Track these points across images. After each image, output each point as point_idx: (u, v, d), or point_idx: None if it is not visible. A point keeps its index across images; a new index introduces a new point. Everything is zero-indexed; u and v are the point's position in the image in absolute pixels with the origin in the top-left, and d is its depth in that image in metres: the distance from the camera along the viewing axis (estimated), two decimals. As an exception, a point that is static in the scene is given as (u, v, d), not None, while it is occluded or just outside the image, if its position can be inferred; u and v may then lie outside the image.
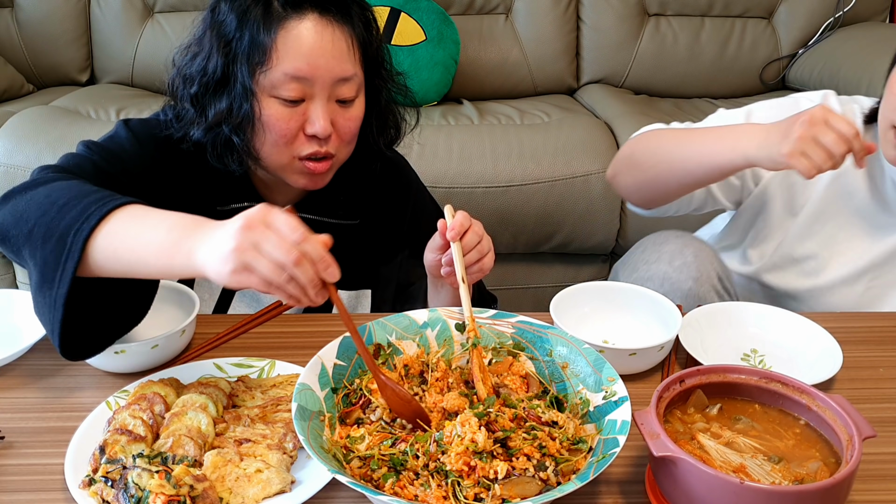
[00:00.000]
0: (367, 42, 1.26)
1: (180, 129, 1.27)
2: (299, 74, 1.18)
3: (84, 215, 0.99)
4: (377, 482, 0.87)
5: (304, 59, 1.18)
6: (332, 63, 1.20)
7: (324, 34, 1.19)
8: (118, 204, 1.00)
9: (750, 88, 2.97)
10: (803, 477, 0.85)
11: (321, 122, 1.21)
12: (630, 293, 1.28)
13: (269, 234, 0.89)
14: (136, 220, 1.00)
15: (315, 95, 1.21)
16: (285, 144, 1.22)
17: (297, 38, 1.18)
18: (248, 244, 0.88)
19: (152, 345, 1.13)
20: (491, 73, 2.93)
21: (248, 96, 1.20)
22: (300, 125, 1.22)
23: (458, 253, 1.12)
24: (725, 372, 0.96)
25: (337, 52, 1.20)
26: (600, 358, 1.00)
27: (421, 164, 2.36)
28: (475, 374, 1.01)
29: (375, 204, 1.46)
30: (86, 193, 1.03)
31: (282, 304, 1.33)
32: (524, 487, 0.84)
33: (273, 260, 0.88)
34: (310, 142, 1.23)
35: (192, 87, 1.24)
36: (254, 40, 1.18)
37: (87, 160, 1.19)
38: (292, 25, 1.18)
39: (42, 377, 1.16)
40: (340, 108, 1.24)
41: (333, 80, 1.21)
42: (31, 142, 2.29)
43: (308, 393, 0.94)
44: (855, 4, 2.90)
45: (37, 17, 2.88)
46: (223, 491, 0.91)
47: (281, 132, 1.21)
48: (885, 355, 1.21)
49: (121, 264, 0.99)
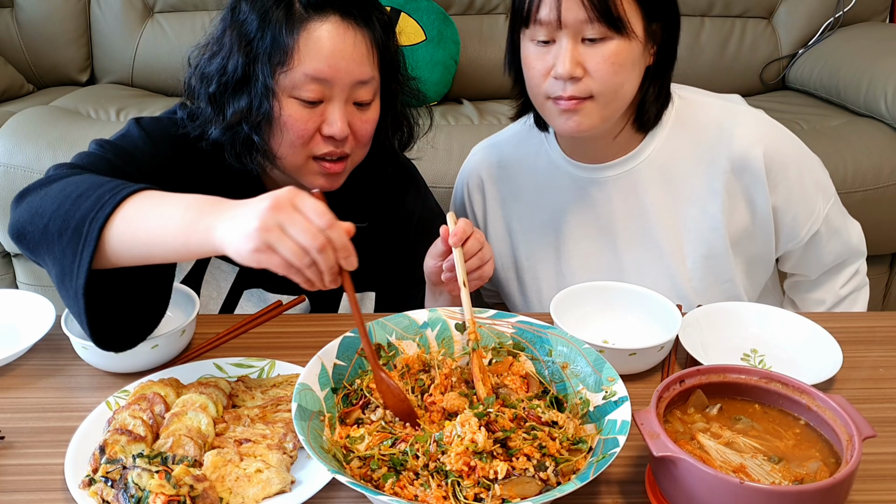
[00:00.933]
0: (386, 46, 1.26)
1: (197, 128, 1.27)
2: (320, 76, 1.19)
3: (99, 204, 0.99)
4: (377, 482, 0.87)
5: (325, 61, 1.18)
6: (352, 66, 1.20)
7: (345, 37, 1.20)
8: (133, 190, 1.01)
9: (750, 88, 2.97)
10: (803, 477, 0.85)
11: (339, 124, 1.21)
12: (630, 293, 1.28)
13: (297, 217, 0.89)
14: (153, 203, 1.00)
15: (334, 97, 1.21)
16: (302, 145, 1.23)
17: (318, 40, 1.18)
18: (273, 224, 0.88)
19: (152, 345, 1.13)
20: (491, 73, 2.93)
21: (268, 95, 1.20)
22: (317, 126, 1.22)
23: (459, 257, 1.13)
24: (725, 372, 0.96)
25: (357, 55, 1.21)
26: (600, 358, 1.00)
27: (421, 164, 2.35)
28: (475, 376, 1.01)
29: (384, 207, 1.46)
30: (100, 184, 1.03)
31: (282, 304, 1.33)
32: (524, 487, 0.84)
33: (298, 243, 0.88)
34: (326, 142, 1.24)
35: (211, 87, 1.24)
36: (276, 40, 1.19)
37: (101, 158, 1.19)
38: (314, 27, 1.19)
39: (42, 377, 1.16)
40: (357, 110, 1.25)
41: (352, 83, 1.21)
42: (31, 142, 2.29)
43: (308, 393, 0.94)
44: (855, 4, 2.90)
45: (37, 17, 2.88)
46: (223, 491, 0.91)
47: (299, 132, 1.21)
48: (885, 355, 1.21)
49: (138, 248, 0.99)
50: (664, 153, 1.40)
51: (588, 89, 1.25)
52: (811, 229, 1.42)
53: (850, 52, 2.71)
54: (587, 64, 1.24)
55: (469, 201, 1.60)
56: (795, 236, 1.43)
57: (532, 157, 1.51)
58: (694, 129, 1.39)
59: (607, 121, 1.31)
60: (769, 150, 1.35)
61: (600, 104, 1.27)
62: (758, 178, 1.36)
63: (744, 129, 1.36)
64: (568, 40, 1.23)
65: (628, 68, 1.26)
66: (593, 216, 1.46)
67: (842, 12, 2.90)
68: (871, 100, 2.50)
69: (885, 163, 2.34)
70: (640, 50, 1.27)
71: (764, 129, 1.38)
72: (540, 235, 1.51)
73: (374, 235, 1.44)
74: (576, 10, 1.21)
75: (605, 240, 1.46)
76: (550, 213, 1.49)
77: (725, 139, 1.36)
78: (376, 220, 1.45)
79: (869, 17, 2.99)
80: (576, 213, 1.47)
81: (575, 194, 1.46)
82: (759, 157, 1.34)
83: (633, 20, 1.23)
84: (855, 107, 2.59)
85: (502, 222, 1.56)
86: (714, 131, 1.38)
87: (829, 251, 1.47)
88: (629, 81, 1.28)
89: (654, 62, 1.33)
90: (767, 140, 1.36)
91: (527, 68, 1.30)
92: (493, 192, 1.55)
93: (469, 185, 1.59)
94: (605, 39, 1.23)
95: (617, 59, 1.24)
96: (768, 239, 1.43)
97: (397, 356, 1.07)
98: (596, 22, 1.21)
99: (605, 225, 1.45)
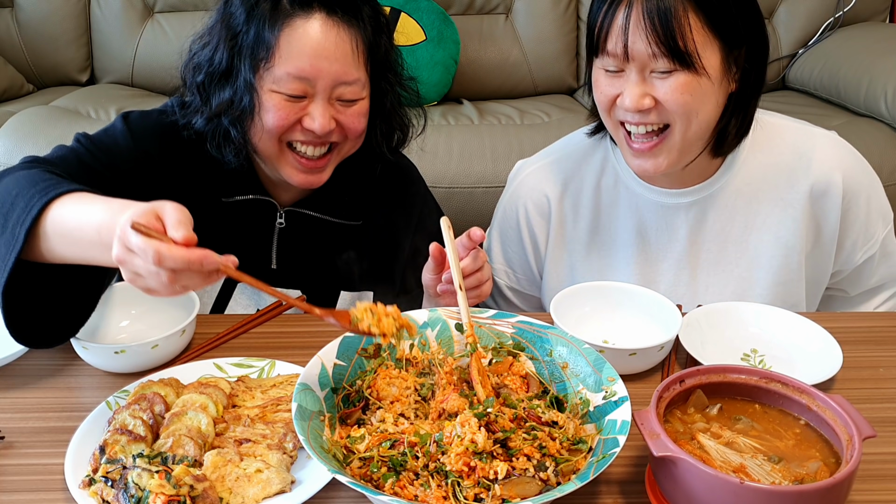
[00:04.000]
0: (376, 45, 1.25)
1: (185, 117, 1.28)
2: (301, 74, 1.19)
3: (29, 206, 1.02)
4: (377, 482, 0.87)
5: (307, 60, 1.18)
6: (334, 66, 1.20)
7: (329, 35, 1.19)
8: (62, 192, 1.02)
9: (750, 88, 2.97)
10: (803, 477, 0.85)
11: (320, 121, 1.21)
12: (630, 293, 1.28)
13: (134, 258, 0.89)
14: (80, 204, 1.02)
15: (316, 94, 1.21)
16: (279, 133, 1.23)
17: (301, 38, 1.18)
18: (122, 254, 0.90)
19: (152, 345, 1.13)
20: (491, 73, 2.94)
21: (249, 90, 1.21)
22: (298, 118, 1.22)
23: (455, 261, 1.12)
24: (725, 372, 0.96)
25: (340, 54, 1.20)
26: (600, 358, 1.00)
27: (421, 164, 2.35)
28: (474, 378, 1.01)
29: (379, 207, 1.46)
30: (35, 182, 1.05)
31: (282, 304, 1.33)
32: (524, 487, 0.84)
33: (149, 274, 0.89)
34: (304, 132, 1.23)
35: (199, 76, 1.25)
36: (259, 36, 1.19)
37: (73, 153, 1.22)
38: (298, 24, 1.18)
39: (42, 377, 1.16)
40: (343, 106, 1.24)
41: (335, 82, 1.21)
42: (31, 142, 2.29)
43: (308, 393, 0.94)
44: (855, 4, 2.90)
45: (37, 17, 2.89)
46: (223, 491, 0.91)
47: (278, 122, 1.21)
48: (885, 355, 1.21)
49: (63, 247, 1.01)
50: (739, 179, 1.36)
51: (661, 119, 1.23)
52: (866, 254, 1.41)
53: (850, 52, 2.71)
54: (657, 94, 1.21)
55: (527, 225, 1.49)
56: (850, 260, 1.41)
57: (595, 175, 1.44)
58: (770, 153, 1.36)
59: (686, 154, 1.28)
60: (847, 177, 1.33)
61: (678, 134, 1.24)
62: (834, 203, 1.34)
63: (822, 154, 1.33)
64: (636, 73, 1.21)
65: (700, 98, 1.21)
66: (665, 240, 1.42)
67: (842, 12, 2.91)
68: (871, 100, 2.50)
69: (885, 163, 2.34)
70: (716, 80, 1.21)
71: (842, 154, 1.36)
72: (601, 256, 1.46)
73: (369, 235, 1.44)
74: (642, 43, 1.18)
75: (676, 264, 1.42)
76: (613, 233, 1.44)
77: (804, 165, 1.34)
78: (371, 220, 1.44)
79: (869, 17, 3.00)
80: (644, 235, 1.42)
81: (646, 217, 1.41)
82: (838, 184, 1.33)
83: (706, 52, 1.19)
84: (855, 107, 2.59)
85: (565, 243, 1.48)
86: (791, 156, 1.35)
87: (877, 274, 1.46)
88: (704, 111, 1.23)
89: (737, 88, 1.27)
90: (846, 166, 1.34)
91: (596, 93, 1.29)
92: (559, 212, 1.46)
93: (528, 208, 1.48)
94: (673, 72, 1.19)
95: (687, 89, 1.20)
96: (827, 262, 1.41)
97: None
98: (662, 57, 1.18)
99: (678, 250, 1.41)
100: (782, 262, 1.38)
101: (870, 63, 2.57)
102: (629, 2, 1.19)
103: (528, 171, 1.50)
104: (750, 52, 1.25)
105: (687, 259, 1.42)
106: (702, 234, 1.40)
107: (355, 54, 1.22)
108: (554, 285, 1.50)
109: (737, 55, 1.23)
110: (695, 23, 1.17)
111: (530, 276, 1.55)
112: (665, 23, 1.16)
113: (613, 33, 1.20)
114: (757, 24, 1.25)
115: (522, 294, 1.56)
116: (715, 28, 1.19)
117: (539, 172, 1.48)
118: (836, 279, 1.48)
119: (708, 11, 1.18)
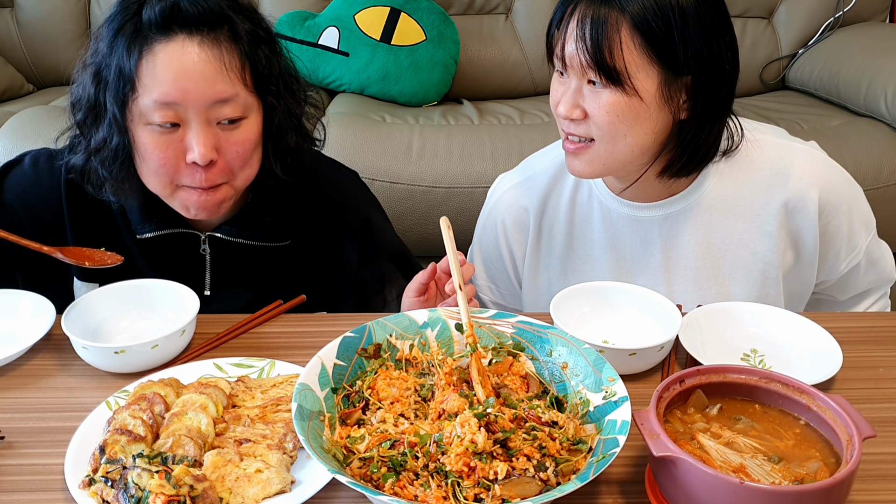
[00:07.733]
0: (254, 58, 1.19)
1: (68, 157, 1.23)
2: (166, 99, 1.12)
3: None
4: (377, 482, 0.87)
5: (171, 84, 1.12)
6: (201, 85, 1.13)
7: (190, 55, 1.13)
8: None
9: (750, 88, 2.97)
10: (803, 477, 0.85)
11: (199, 149, 1.14)
12: (630, 293, 1.28)
13: None
14: None
15: (190, 120, 1.14)
16: (165, 174, 1.17)
17: (162, 62, 1.12)
18: None
19: (152, 345, 1.13)
20: (491, 73, 2.93)
21: (118, 128, 1.15)
22: (179, 152, 1.16)
23: (455, 262, 1.12)
24: (725, 372, 0.96)
25: (208, 73, 1.13)
26: (600, 358, 1.00)
27: (421, 164, 2.36)
28: (474, 379, 1.01)
29: (307, 224, 1.39)
30: None
31: (282, 303, 1.33)
32: (524, 488, 0.84)
33: None
34: (191, 170, 1.17)
35: (79, 114, 1.21)
36: (120, 69, 1.13)
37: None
38: (158, 49, 1.13)
39: (42, 377, 1.16)
40: (225, 130, 1.17)
41: (208, 103, 1.14)
42: (31, 142, 2.29)
43: (308, 393, 0.94)
44: (855, 4, 2.90)
45: (37, 17, 2.88)
46: (223, 491, 0.91)
47: (159, 161, 1.16)
48: (885, 355, 1.21)
49: None
50: (714, 195, 1.36)
51: (588, 132, 1.23)
52: (851, 263, 1.40)
53: (850, 52, 2.71)
54: (587, 107, 1.21)
55: (506, 240, 1.50)
56: (835, 270, 1.41)
57: (571, 190, 1.44)
58: (746, 169, 1.35)
59: (617, 170, 1.28)
60: (824, 192, 1.32)
61: (601, 150, 1.24)
62: (810, 218, 1.33)
63: (800, 171, 1.32)
64: (576, 81, 1.22)
65: (628, 120, 1.20)
66: (640, 254, 1.41)
67: (842, 12, 2.91)
68: (871, 100, 2.50)
69: (885, 163, 2.34)
70: (651, 105, 1.20)
71: (819, 170, 1.34)
72: (576, 271, 1.46)
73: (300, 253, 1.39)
74: (576, 52, 1.19)
75: (652, 279, 1.41)
76: (588, 247, 1.44)
77: (780, 182, 1.33)
78: (300, 238, 1.38)
79: (869, 17, 3.00)
80: (618, 249, 1.42)
81: (621, 231, 1.41)
82: (814, 200, 1.32)
83: (640, 74, 1.17)
84: (855, 107, 2.59)
85: (541, 258, 1.49)
86: (768, 172, 1.34)
87: (864, 280, 1.46)
88: (634, 134, 1.21)
89: (688, 117, 1.24)
90: (823, 182, 1.33)
91: (550, 94, 1.29)
92: (536, 227, 1.47)
93: (506, 224, 1.49)
94: (606, 88, 1.19)
95: (613, 109, 1.19)
96: (810, 275, 1.41)
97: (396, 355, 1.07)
98: (590, 70, 1.18)
99: (654, 264, 1.41)
100: (759, 277, 1.38)
101: (870, 63, 2.57)
102: (574, 9, 1.20)
103: (507, 186, 1.50)
104: (698, 83, 1.21)
105: (663, 274, 1.41)
106: (677, 249, 1.40)
107: (226, 71, 1.14)
108: (532, 300, 1.51)
109: (683, 83, 1.21)
110: (629, 41, 1.17)
111: (513, 291, 1.55)
112: (595, 35, 1.17)
113: (559, 38, 1.22)
114: (713, 54, 1.20)
115: (507, 309, 1.55)
116: (655, 52, 1.17)
117: (518, 188, 1.48)
118: (823, 287, 1.48)
119: (646, 33, 1.16)
